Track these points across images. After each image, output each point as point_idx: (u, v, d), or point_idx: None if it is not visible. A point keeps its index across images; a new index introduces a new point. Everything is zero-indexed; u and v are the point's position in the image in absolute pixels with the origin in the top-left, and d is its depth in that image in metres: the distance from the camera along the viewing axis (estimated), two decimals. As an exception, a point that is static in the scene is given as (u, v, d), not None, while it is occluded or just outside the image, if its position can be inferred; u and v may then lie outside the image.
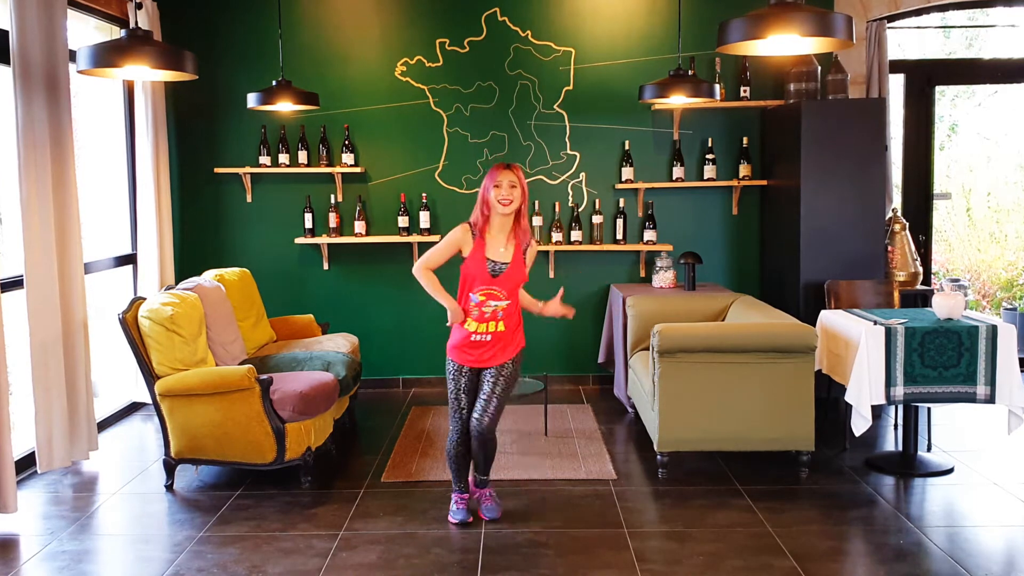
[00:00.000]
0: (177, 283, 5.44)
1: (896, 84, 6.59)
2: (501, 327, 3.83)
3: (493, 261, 3.81)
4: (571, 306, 4.02)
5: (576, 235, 6.28)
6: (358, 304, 6.43)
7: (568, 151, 6.33)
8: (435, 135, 6.30)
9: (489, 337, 3.82)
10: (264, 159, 6.23)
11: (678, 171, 6.26)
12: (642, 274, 6.42)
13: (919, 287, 5.99)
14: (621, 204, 6.28)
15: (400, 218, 6.25)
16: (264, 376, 4.32)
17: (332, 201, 6.28)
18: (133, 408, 5.94)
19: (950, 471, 4.55)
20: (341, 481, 4.55)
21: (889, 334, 4.29)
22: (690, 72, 5.95)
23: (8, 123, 4.37)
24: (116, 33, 5.62)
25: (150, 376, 4.41)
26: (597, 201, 6.29)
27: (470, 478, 4.08)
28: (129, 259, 5.97)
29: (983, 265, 8.21)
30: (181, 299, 4.52)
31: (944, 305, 4.38)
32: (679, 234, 6.37)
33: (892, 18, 6.34)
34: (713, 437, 4.42)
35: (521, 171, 3.83)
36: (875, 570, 3.49)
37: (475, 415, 3.86)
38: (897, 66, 6.54)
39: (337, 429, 5.00)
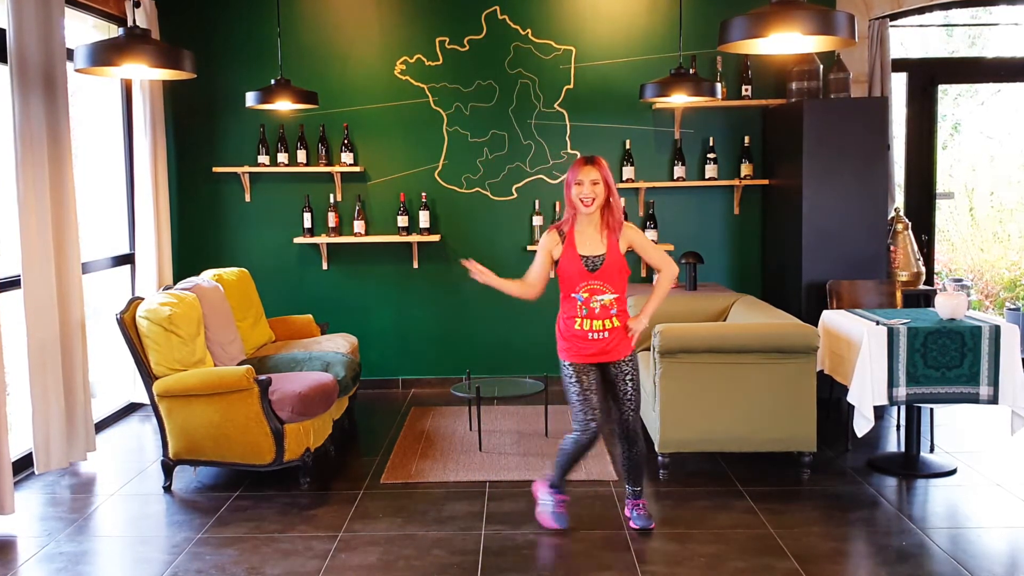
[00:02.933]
0: (175, 283, 5.41)
1: (898, 83, 6.56)
2: (616, 323, 3.70)
3: (586, 256, 3.68)
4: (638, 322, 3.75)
5: (577, 235, 6.24)
6: (357, 304, 6.41)
7: (569, 150, 6.31)
8: (435, 134, 6.28)
9: (607, 334, 3.69)
10: (263, 158, 6.21)
11: (679, 170, 6.24)
12: (643, 274, 6.40)
13: (922, 287, 5.97)
14: (622, 203, 6.24)
15: (400, 218, 6.23)
16: (263, 377, 4.29)
17: (331, 200, 6.26)
18: (131, 409, 5.92)
19: (953, 472, 4.52)
20: (340, 482, 4.53)
21: (891, 334, 4.26)
22: (691, 71, 5.93)
23: (5, 122, 4.35)
24: (114, 31, 5.59)
25: (148, 377, 4.39)
26: (598, 200, 6.25)
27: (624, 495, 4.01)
28: (127, 259, 5.95)
29: (986, 265, 8.19)
30: (179, 299, 4.50)
31: (947, 305, 4.35)
32: (680, 234, 6.35)
33: (894, 16, 6.31)
34: (714, 438, 4.40)
35: (604, 164, 3.65)
36: (877, 572, 3.47)
37: (627, 414, 3.77)
38: (899, 65, 6.51)
39: (336, 430, 4.98)
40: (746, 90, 6.13)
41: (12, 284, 4.48)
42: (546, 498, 3.91)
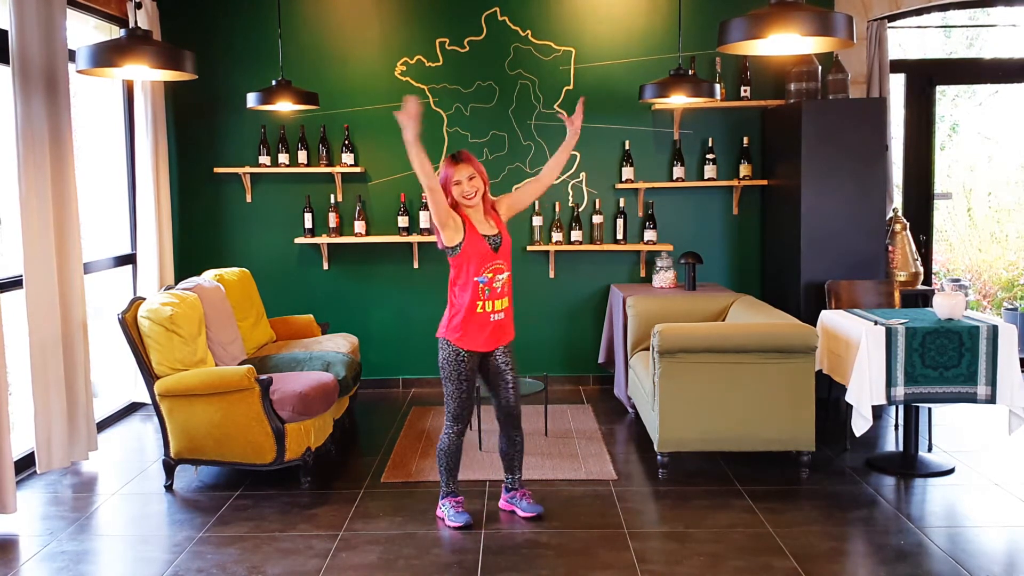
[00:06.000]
0: (176, 283, 5.43)
1: (897, 84, 6.58)
2: (508, 302, 3.84)
3: (487, 236, 3.78)
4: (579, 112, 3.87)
5: (576, 235, 6.27)
6: (358, 304, 6.43)
7: (568, 151, 6.31)
8: (435, 135, 6.29)
9: (503, 315, 3.82)
10: (264, 159, 6.22)
11: (678, 171, 6.26)
12: (642, 274, 6.42)
13: (920, 287, 5.98)
14: (621, 204, 6.27)
15: (400, 218, 6.25)
16: (264, 376, 4.31)
17: (332, 201, 6.27)
18: (132, 408, 5.94)
19: (951, 471, 4.54)
20: (341, 481, 4.54)
21: (890, 334, 4.28)
22: (690, 72, 5.95)
23: (7, 123, 4.36)
24: (115, 33, 5.61)
25: (149, 376, 4.40)
26: (597, 201, 6.28)
27: (504, 485, 4.11)
28: (128, 259, 5.96)
29: (984, 265, 8.21)
30: (180, 299, 4.52)
31: (945, 305, 4.37)
32: (679, 234, 6.37)
33: (893, 18, 6.34)
34: (714, 437, 4.41)
35: (472, 156, 3.78)
36: (876, 571, 3.49)
37: (504, 401, 3.89)
38: (898, 66, 6.53)
39: (337, 429, 4.99)
40: (745, 91, 6.14)
41: (14, 284, 4.50)
42: (446, 508, 3.96)
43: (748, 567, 3.48)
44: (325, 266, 6.40)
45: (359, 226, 6.23)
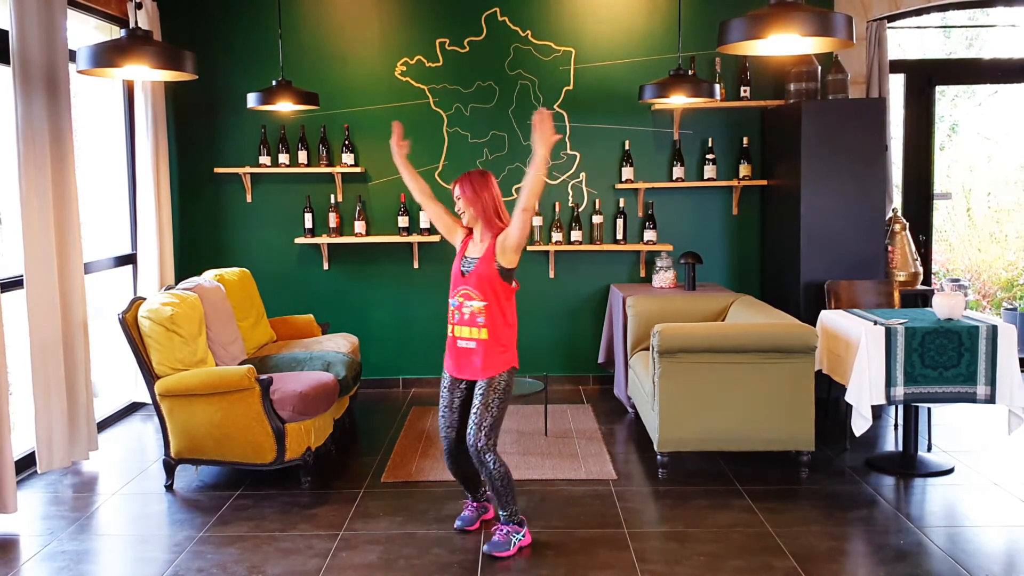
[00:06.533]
0: (177, 283, 5.44)
1: (896, 84, 6.59)
2: (484, 334, 3.57)
3: (465, 258, 3.68)
4: (545, 113, 3.43)
5: (576, 235, 6.27)
6: (358, 304, 6.43)
7: (568, 151, 6.33)
8: (435, 135, 6.30)
9: (473, 344, 3.59)
10: (264, 159, 6.23)
11: (678, 171, 6.26)
12: (642, 274, 6.42)
13: (919, 287, 5.99)
14: (621, 204, 6.28)
15: (400, 218, 6.25)
16: (264, 376, 4.31)
17: (332, 201, 6.28)
18: (133, 408, 5.94)
19: (950, 471, 4.55)
20: (341, 481, 4.55)
21: (889, 334, 4.28)
22: (690, 72, 5.95)
23: (8, 123, 4.36)
24: (116, 33, 5.62)
25: (150, 376, 4.40)
26: (597, 201, 6.29)
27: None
28: (129, 259, 5.97)
29: (983, 265, 8.21)
30: (181, 299, 4.52)
31: (944, 305, 4.38)
32: (679, 234, 6.37)
33: (892, 18, 6.34)
34: (713, 437, 4.42)
35: (467, 179, 3.62)
36: (876, 570, 3.49)
37: (469, 431, 3.61)
38: (897, 66, 6.54)
39: (337, 429, 5.00)
40: (745, 91, 6.15)
41: (15, 284, 4.50)
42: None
43: (748, 567, 3.48)
44: (325, 266, 6.40)
45: (359, 226, 6.24)
